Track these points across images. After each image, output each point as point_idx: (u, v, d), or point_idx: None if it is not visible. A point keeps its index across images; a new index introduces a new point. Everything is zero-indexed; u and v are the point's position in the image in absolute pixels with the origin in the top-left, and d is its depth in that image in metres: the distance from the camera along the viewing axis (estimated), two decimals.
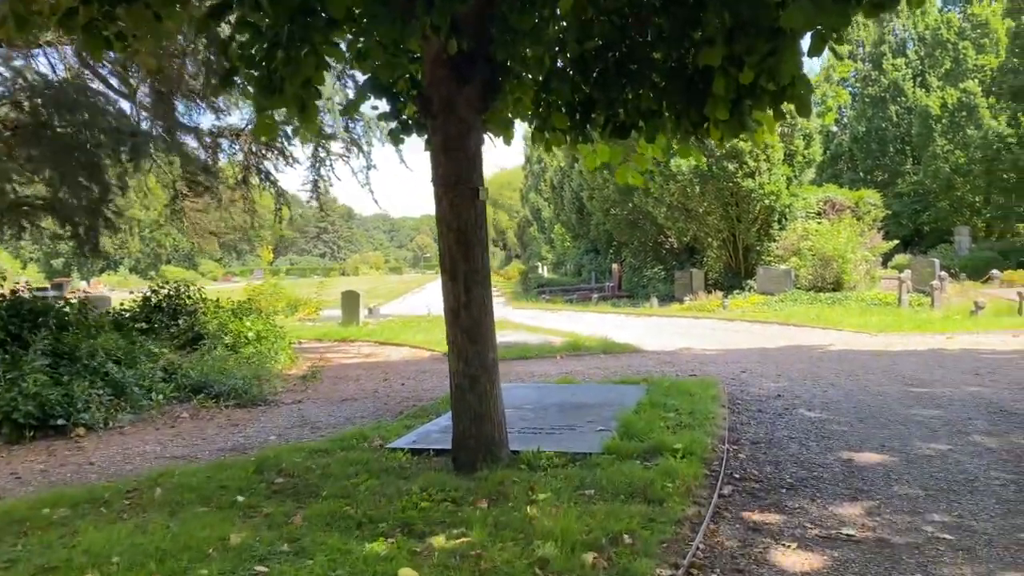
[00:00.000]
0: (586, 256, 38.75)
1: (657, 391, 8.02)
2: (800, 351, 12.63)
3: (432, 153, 5.34)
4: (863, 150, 38.95)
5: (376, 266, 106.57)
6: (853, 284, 20.85)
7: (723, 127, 5.97)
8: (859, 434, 6.64)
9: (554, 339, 14.17)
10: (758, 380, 9.69)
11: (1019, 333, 14.04)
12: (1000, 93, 30.02)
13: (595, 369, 11.09)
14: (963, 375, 9.64)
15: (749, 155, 21.06)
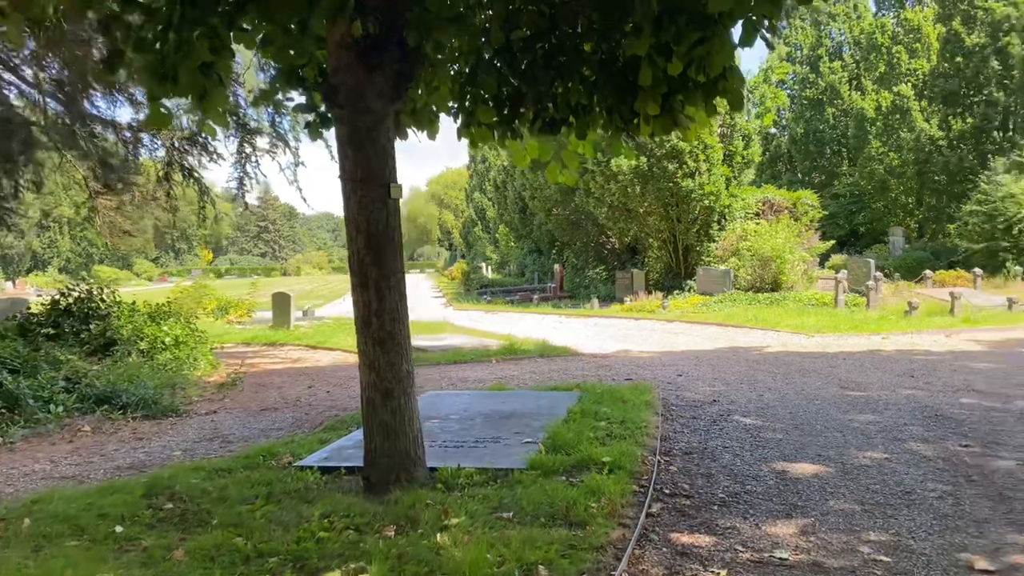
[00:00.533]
0: (529, 256, 38.53)
1: (590, 398, 7.71)
2: (737, 353, 12.50)
3: (339, 146, 4.91)
4: (801, 152, 39.56)
5: (319, 266, 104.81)
6: (791, 284, 20.97)
7: (654, 123, 5.69)
8: (794, 442, 6.42)
9: (491, 342, 13.80)
10: (694, 384, 9.47)
11: (951, 333, 14.18)
12: (932, 96, 30.70)
13: (530, 374, 10.75)
14: (899, 377, 9.57)
15: (689, 156, 21.01)
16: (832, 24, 39.67)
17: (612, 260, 28.58)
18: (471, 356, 12.35)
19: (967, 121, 28.80)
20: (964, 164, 28.21)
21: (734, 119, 22.07)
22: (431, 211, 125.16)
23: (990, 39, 28.49)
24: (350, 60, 4.76)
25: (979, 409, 7.53)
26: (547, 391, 8.44)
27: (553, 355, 12.63)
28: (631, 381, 9.74)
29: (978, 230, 23.97)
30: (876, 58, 35.91)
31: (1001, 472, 5.40)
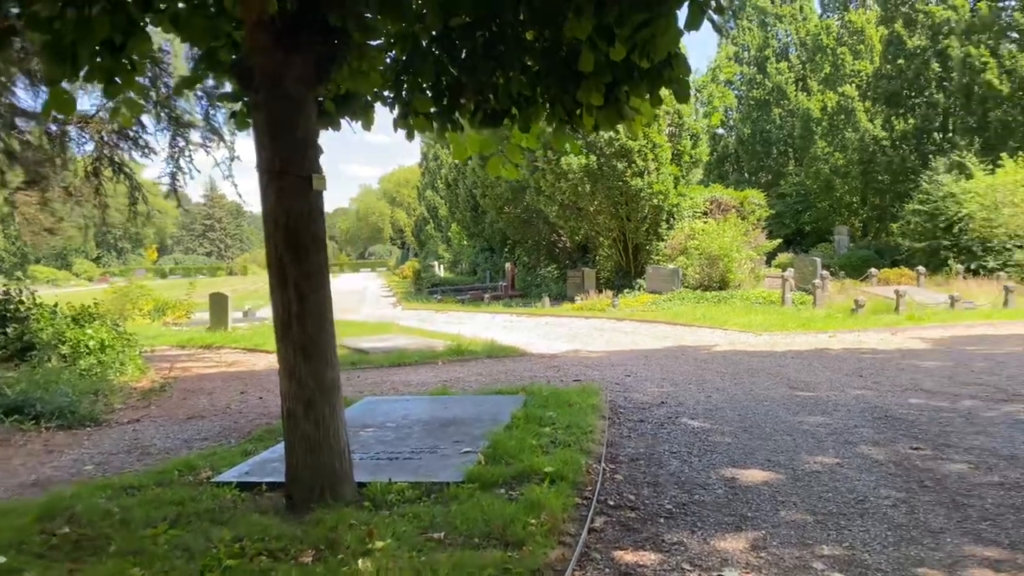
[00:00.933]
0: (481, 255, 38.18)
1: (535, 402, 7.40)
2: (686, 352, 12.34)
3: (255, 135, 4.51)
4: (748, 152, 39.94)
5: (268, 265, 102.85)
6: (738, 283, 21.00)
7: (599, 115, 5.42)
8: (744, 446, 6.20)
9: (438, 343, 13.42)
10: (642, 385, 9.24)
11: (897, 331, 14.25)
12: (875, 97, 31.18)
13: (477, 376, 10.41)
14: (847, 377, 9.47)
15: (638, 154, 20.90)
16: (779, 25, 40.12)
17: (564, 259, 28.40)
18: (416, 358, 11.96)
19: (909, 122, 29.32)
20: (906, 164, 28.70)
21: (682, 118, 22.02)
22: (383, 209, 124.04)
23: (930, 42, 29.05)
24: (267, 41, 4.36)
25: (928, 409, 7.43)
26: (492, 395, 8.11)
27: (501, 356, 12.31)
28: (579, 382, 9.47)
29: (920, 229, 24.34)
30: (821, 59, 36.41)
31: (953, 476, 5.24)
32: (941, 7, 28.75)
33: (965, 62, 25.41)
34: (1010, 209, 20.38)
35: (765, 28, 40.30)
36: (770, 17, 40.12)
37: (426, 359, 11.93)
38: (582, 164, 20.97)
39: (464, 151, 6.47)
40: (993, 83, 24.09)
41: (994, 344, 12.22)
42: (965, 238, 22.31)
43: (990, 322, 14.80)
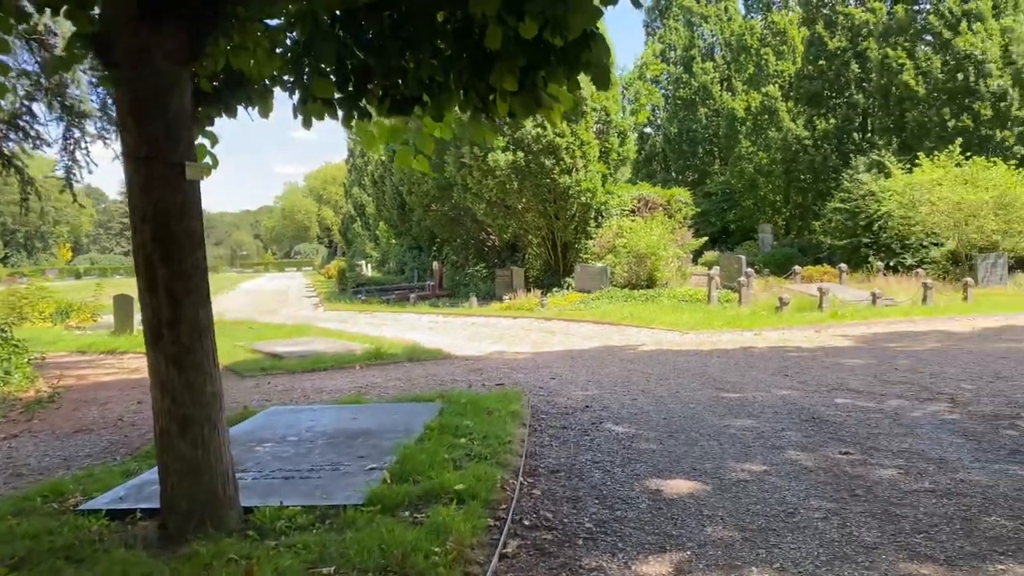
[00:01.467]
0: (409, 254, 37.49)
1: (452, 410, 6.97)
2: (612, 352, 12.08)
3: (119, 116, 3.96)
4: (675, 151, 40.32)
5: None
6: (666, 281, 20.98)
7: (514, 101, 5.01)
8: (669, 454, 5.90)
9: (357, 346, 12.85)
10: (567, 388, 8.90)
11: (821, 328, 14.31)
12: (797, 97, 31.74)
13: (395, 381, 9.91)
14: (773, 376, 9.32)
15: (566, 151, 20.68)
16: (704, 25, 40.61)
17: (493, 257, 28.03)
18: (332, 363, 11.38)
19: (830, 121, 29.93)
20: (828, 163, 29.29)
21: (609, 116, 21.90)
22: (309, 207, 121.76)
23: (850, 43, 29.70)
24: (130, 9, 3.82)
25: (855, 410, 7.28)
26: (407, 403, 7.63)
27: (423, 359, 11.83)
28: (502, 387, 9.09)
29: (841, 227, 24.82)
30: (746, 59, 36.96)
31: (884, 483, 5.02)
32: (860, 9, 29.44)
33: (883, 63, 26.02)
34: (927, 207, 20.87)
35: (691, 28, 40.74)
36: (696, 17, 40.57)
37: (343, 364, 11.37)
38: (509, 161, 20.63)
39: (373, 141, 5.98)
40: (910, 84, 24.72)
41: (915, 341, 12.33)
42: (884, 236, 22.80)
43: (910, 319, 15.02)
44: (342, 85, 5.11)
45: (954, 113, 24.16)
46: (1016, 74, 23.46)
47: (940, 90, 24.52)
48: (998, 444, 5.93)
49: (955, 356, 10.50)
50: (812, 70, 30.79)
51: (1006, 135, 23.25)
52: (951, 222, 20.71)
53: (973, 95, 23.63)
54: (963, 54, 23.94)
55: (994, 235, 20.29)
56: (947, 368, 9.53)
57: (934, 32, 25.06)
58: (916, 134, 25.27)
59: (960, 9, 24.23)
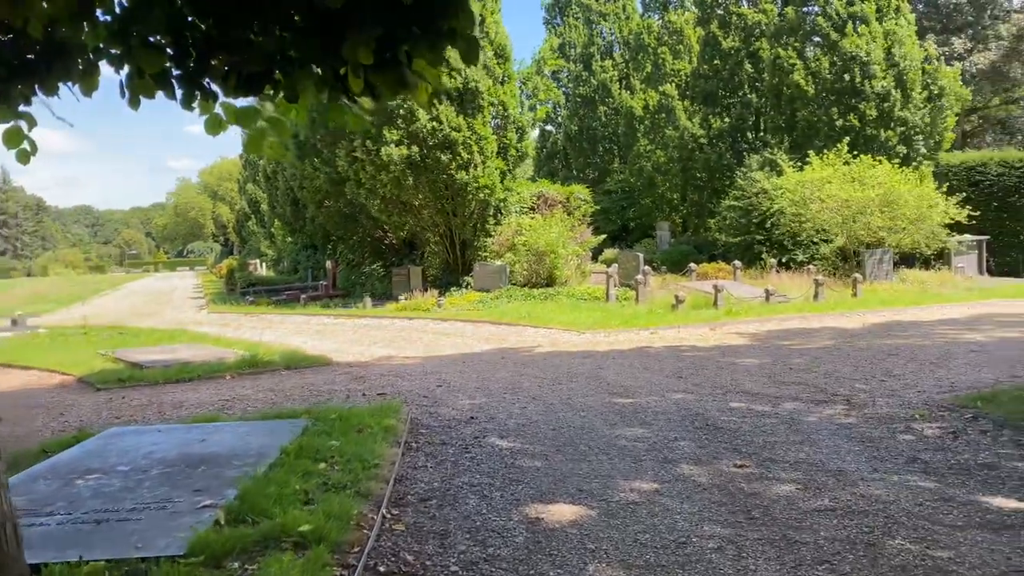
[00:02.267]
0: (303, 252, 36.08)
1: (318, 428, 6.25)
2: (507, 355, 11.55)
3: None
4: (576, 148, 40.29)
5: (74, 265, 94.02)
6: (565, 279, 20.65)
7: (376, 78, 4.34)
8: (554, 472, 5.37)
9: (232, 353, 11.85)
10: (454, 397, 8.28)
11: (716, 326, 14.19)
12: (693, 96, 32.08)
13: (267, 393, 9.07)
14: (667, 379, 8.97)
15: (462, 146, 20.05)
16: (603, 23, 40.71)
17: (390, 256, 27.11)
18: (201, 372, 10.40)
19: (725, 120, 30.32)
20: (722, 161, 29.65)
21: (507, 110, 21.39)
22: (204, 204, 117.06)
23: (743, 43, 30.17)
24: None
25: (750, 415, 6.95)
26: (270, 420, 6.84)
27: (303, 366, 10.97)
28: (384, 396, 8.40)
29: (735, 224, 25.11)
30: (643, 58, 37.19)
31: (782, 502, 4.61)
32: (753, 10, 29.93)
33: (775, 63, 26.48)
34: (817, 205, 21.25)
35: (590, 25, 40.79)
36: (594, 15, 40.63)
37: (213, 373, 10.40)
38: (403, 155, 19.85)
39: (219, 125, 5.17)
40: (800, 84, 25.21)
41: (809, 338, 12.30)
42: (777, 233, 23.14)
43: (803, 315, 15.10)
44: (180, 60, 4.33)
45: (841, 113, 24.78)
46: (898, 76, 24.25)
47: (828, 90, 25.11)
48: (896, 451, 5.65)
49: (847, 354, 10.43)
50: (707, 69, 31.12)
51: (889, 135, 23.98)
52: (840, 219, 21.16)
53: (859, 95, 24.28)
54: (849, 55, 24.57)
55: (880, 231, 20.85)
56: (840, 367, 9.41)
57: (822, 33, 25.65)
58: (806, 133, 25.81)
59: (846, 11, 24.86)
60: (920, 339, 11.69)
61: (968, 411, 6.66)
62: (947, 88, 24.90)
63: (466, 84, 20.13)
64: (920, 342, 11.37)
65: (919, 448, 5.69)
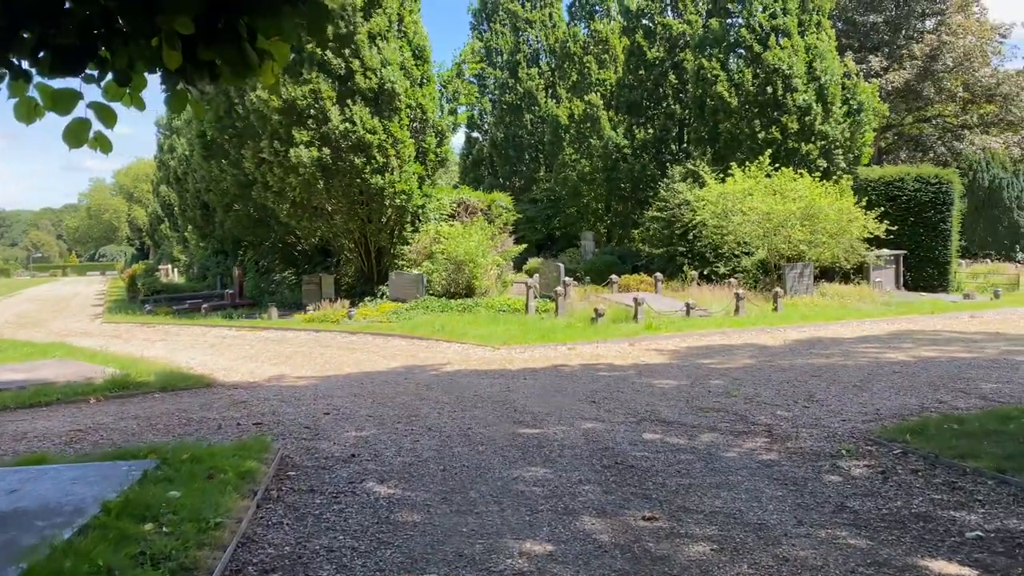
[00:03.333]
0: (213, 258, 34.37)
1: (162, 474, 5.28)
2: (412, 374, 10.68)
3: None
4: (501, 156, 39.71)
5: None
6: (485, 289, 19.89)
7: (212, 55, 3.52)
8: (435, 529, 4.55)
9: (103, 372, 10.65)
10: (340, 428, 7.37)
11: (635, 341, 13.62)
12: (618, 106, 31.81)
13: (130, 421, 7.98)
14: (580, 404, 8.25)
15: (378, 149, 19.07)
16: (530, 31, 40.25)
17: (303, 263, 25.87)
18: (62, 395, 9.21)
19: (649, 131, 30.12)
20: (646, 172, 29.40)
21: (426, 114, 20.52)
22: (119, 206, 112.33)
23: (668, 54, 30.05)
24: None
25: (664, 449, 6.26)
26: (110, 461, 5.81)
27: (180, 388, 9.87)
28: (260, 427, 7.45)
29: (658, 236, 24.81)
30: (569, 67, 36.83)
31: (694, 570, 3.90)
32: (678, 21, 29.85)
33: (699, 74, 26.33)
34: (739, 217, 21.04)
35: (517, 33, 40.27)
36: (521, 22, 40.14)
37: (75, 396, 9.22)
38: (314, 157, 18.75)
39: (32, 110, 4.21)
40: (723, 95, 25.09)
41: (729, 356, 11.80)
42: (699, 245, 22.88)
43: (723, 331, 14.67)
44: None
45: (764, 125, 24.76)
46: (819, 90, 24.36)
47: (751, 102, 25.07)
48: (822, 496, 5.03)
49: (768, 375, 9.92)
50: (632, 79, 30.91)
51: (810, 148, 24.04)
52: (761, 232, 21.00)
53: (781, 108, 24.29)
54: (772, 68, 24.58)
55: (801, 245, 20.76)
56: (761, 390, 8.86)
57: (746, 45, 25.63)
58: (729, 145, 25.72)
59: (769, 24, 24.88)
60: (842, 358, 11.31)
61: (896, 445, 6.12)
62: (866, 103, 25.14)
63: (382, 85, 19.19)
64: (842, 362, 10.97)
65: (847, 493, 5.08)
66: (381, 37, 19.59)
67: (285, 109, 18.87)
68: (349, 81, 19.21)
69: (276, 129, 19.26)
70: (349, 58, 19.04)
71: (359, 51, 19.11)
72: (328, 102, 18.80)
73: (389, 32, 19.89)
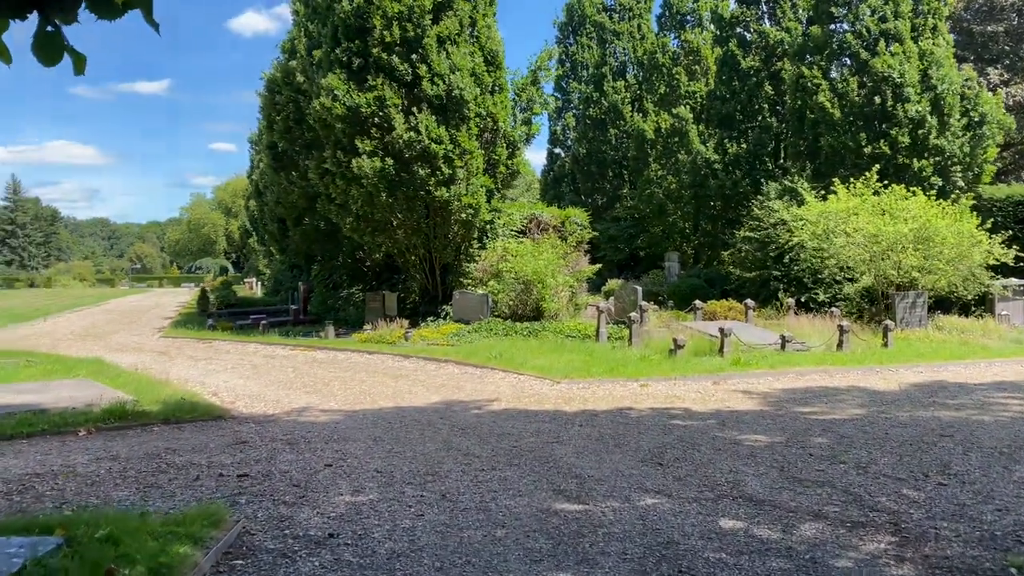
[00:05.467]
0: (288, 273, 33.96)
1: (54, 561, 3.90)
2: (449, 413, 9.16)
3: None
4: (583, 172, 38.12)
5: (82, 277, 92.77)
6: (554, 312, 18.26)
7: None
8: None
9: (114, 396, 9.55)
10: (333, 489, 5.91)
11: (720, 379, 11.76)
12: (709, 119, 29.81)
13: (103, 464, 6.75)
14: (643, 467, 6.55)
15: (444, 160, 17.78)
16: (617, 43, 38.61)
17: (371, 279, 24.89)
18: (51, 424, 8.10)
19: (742, 145, 28.01)
20: (739, 189, 27.29)
21: (497, 123, 19.15)
22: (217, 220, 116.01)
23: (764, 64, 27.93)
24: None
25: (749, 550, 4.53)
26: (4, 536, 4.47)
27: (186, 420, 8.64)
28: (244, 481, 6.07)
29: (751, 258, 22.68)
30: (657, 79, 35.01)
31: None
32: (775, 28, 27.71)
33: (798, 83, 24.15)
34: (842, 239, 18.80)
35: (603, 45, 38.71)
36: (608, 33, 38.57)
37: (65, 426, 8.10)
38: (376, 168, 17.59)
39: None
40: (825, 106, 22.84)
41: (832, 403, 9.83)
42: (796, 269, 20.70)
43: (824, 368, 12.63)
44: None
45: (870, 139, 22.38)
46: (935, 100, 21.86)
47: (856, 114, 22.72)
48: None
49: (885, 432, 7.96)
50: (724, 91, 28.87)
51: (923, 164, 21.54)
52: (867, 256, 18.69)
53: (890, 120, 21.88)
54: (881, 76, 22.21)
55: (913, 271, 18.36)
56: (877, 454, 6.95)
57: (851, 52, 23.32)
58: (830, 160, 23.42)
59: (878, 28, 22.53)
60: (976, 411, 9.19)
61: None
62: (989, 115, 22.43)
63: (449, 91, 17.92)
64: (977, 416, 8.87)
65: None
66: (451, 41, 18.36)
67: (348, 117, 17.80)
68: (415, 87, 18.02)
69: (339, 138, 18.24)
70: (416, 63, 17.86)
71: (427, 55, 17.91)
72: (393, 109, 17.64)
73: (460, 36, 18.64)
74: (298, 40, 22.08)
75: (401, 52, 17.93)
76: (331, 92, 17.78)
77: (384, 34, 17.73)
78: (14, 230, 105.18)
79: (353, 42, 18.11)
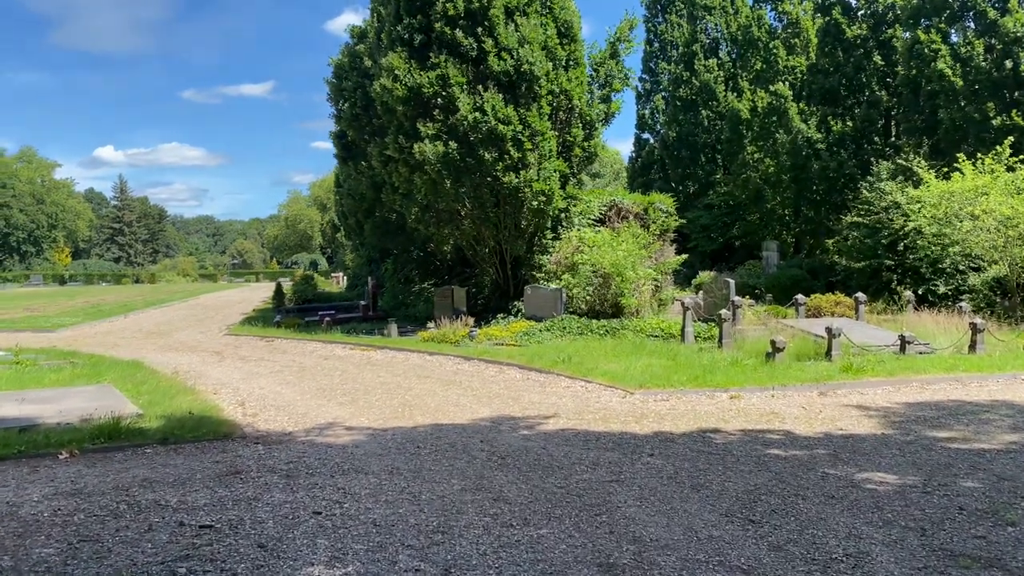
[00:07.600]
0: (365, 267, 33.22)
1: None
2: (494, 434, 7.65)
3: None
4: (673, 158, 35.84)
5: (186, 272, 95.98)
6: (635, 309, 16.50)
7: None
8: None
9: (126, 408, 8.48)
10: (303, 556, 4.48)
11: (827, 389, 9.85)
12: (810, 95, 27.25)
13: (54, 503, 5.57)
14: (726, 524, 4.87)
15: (512, 143, 16.25)
16: (708, 18, 36.13)
17: (444, 273, 23.69)
18: (29, 445, 7.02)
19: (847, 123, 25.41)
20: (844, 170, 24.74)
21: (572, 101, 17.49)
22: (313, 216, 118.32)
23: (872, 31, 25.22)
24: None
25: None
26: None
27: (186, 440, 7.43)
28: (203, 535, 4.73)
29: (859, 246, 20.29)
30: (752, 55, 32.53)
31: None
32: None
33: (912, 50, 21.52)
34: (968, 223, 16.31)
35: (694, 21, 36.30)
36: (699, 9, 36.12)
37: (46, 447, 7.00)
38: (439, 153, 16.22)
39: None
40: (945, 73, 20.20)
41: (974, 424, 7.82)
42: (912, 257, 18.26)
43: (956, 376, 10.51)
44: None
45: (1000, 109, 19.64)
46: None
47: (983, 82, 20.00)
48: None
49: None
50: (827, 64, 26.26)
51: None
52: (1000, 242, 16.13)
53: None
54: (1012, 38, 19.45)
55: None
56: None
57: (977, 11, 20.58)
58: (951, 134, 20.75)
59: None
60: None
61: None
62: None
63: (518, 67, 16.36)
64: None
65: None
66: (520, 12, 16.79)
67: (409, 98, 16.49)
68: (481, 64, 16.55)
69: (401, 122, 16.98)
70: (482, 36, 16.37)
71: (493, 28, 16.40)
72: (456, 88, 16.20)
73: (530, 7, 17.04)
74: (369, 24, 21.04)
75: (465, 25, 16.48)
76: (392, 72, 16.52)
77: (447, 6, 16.32)
78: (121, 228, 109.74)
79: (415, 17, 16.80)
